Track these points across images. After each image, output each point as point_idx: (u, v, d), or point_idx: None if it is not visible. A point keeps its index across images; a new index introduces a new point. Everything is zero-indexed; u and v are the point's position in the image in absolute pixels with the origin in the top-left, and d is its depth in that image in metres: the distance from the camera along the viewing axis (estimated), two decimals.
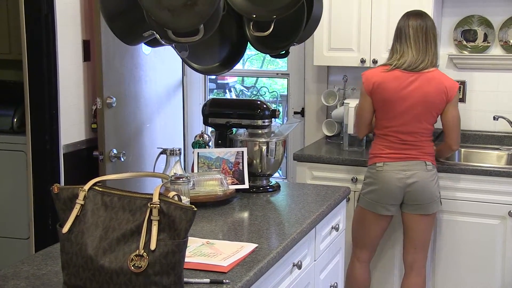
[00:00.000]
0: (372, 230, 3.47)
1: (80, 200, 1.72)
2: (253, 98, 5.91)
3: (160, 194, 1.68)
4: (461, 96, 4.11)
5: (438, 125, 3.41)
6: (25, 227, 3.68)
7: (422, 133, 3.34)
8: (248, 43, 2.76)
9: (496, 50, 4.05)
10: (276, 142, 2.93)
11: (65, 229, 1.71)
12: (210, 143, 2.99)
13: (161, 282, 1.65)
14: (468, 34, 4.09)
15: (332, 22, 4.04)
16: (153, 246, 1.64)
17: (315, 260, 2.59)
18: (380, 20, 3.91)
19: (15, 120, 4.11)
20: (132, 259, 1.64)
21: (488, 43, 4.05)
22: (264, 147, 2.90)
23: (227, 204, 2.68)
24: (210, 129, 3.16)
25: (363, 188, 3.45)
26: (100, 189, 1.74)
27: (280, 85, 6.00)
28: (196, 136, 2.99)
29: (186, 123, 4.70)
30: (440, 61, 4.14)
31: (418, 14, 3.35)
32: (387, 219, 3.44)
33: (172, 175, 2.28)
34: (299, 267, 2.36)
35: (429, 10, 3.75)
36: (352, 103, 3.96)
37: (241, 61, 2.97)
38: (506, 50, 4.02)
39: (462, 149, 4.00)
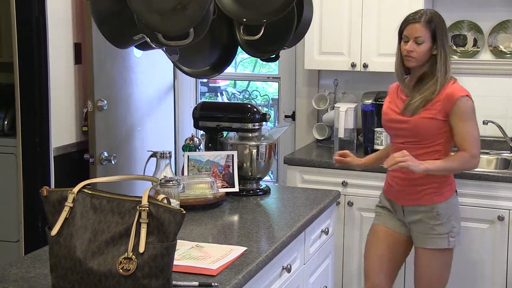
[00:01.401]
0: None
1: (69, 203, 1.72)
2: (244, 102, 5.91)
3: (149, 197, 1.68)
4: None
5: None
6: (15, 230, 3.67)
7: None
8: (239, 46, 2.77)
9: (485, 55, 4.07)
10: (266, 146, 2.94)
11: (54, 231, 1.71)
12: (200, 146, 3.00)
13: (150, 285, 1.65)
14: (458, 39, 4.12)
15: (323, 26, 4.06)
16: (142, 249, 1.64)
17: (304, 264, 2.60)
18: (370, 24, 3.93)
19: (6, 122, 4.10)
20: (121, 262, 1.64)
21: (477, 48, 4.07)
22: (254, 151, 2.91)
23: (217, 207, 2.68)
24: (200, 132, 3.16)
25: (451, 229, 2.92)
26: (89, 192, 1.74)
27: (274, 89, 6.01)
28: (186, 139, 2.99)
29: (177, 126, 4.70)
30: None
31: None
32: None
33: (162, 178, 2.29)
34: (289, 270, 2.37)
35: None
36: (343, 107, 3.98)
37: (233, 64, 2.98)
38: (495, 55, 4.04)
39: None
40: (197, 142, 2.98)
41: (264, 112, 2.99)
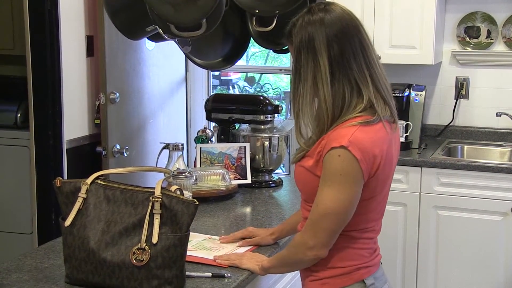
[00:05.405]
0: None
1: (82, 194, 1.73)
2: (256, 94, 5.91)
3: (162, 188, 1.69)
4: (464, 93, 4.11)
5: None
6: (29, 222, 3.69)
7: None
8: (251, 38, 2.77)
9: (499, 47, 4.04)
10: (278, 138, 2.94)
11: (68, 222, 1.72)
12: (212, 138, 3.00)
13: (163, 275, 1.66)
14: (471, 30, 4.08)
15: None
16: (155, 239, 1.65)
17: None
18: (383, 16, 3.90)
19: (19, 115, 4.11)
20: (134, 253, 1.65)
21: (491, 39, 4.04)
22: (267, 143, 2.91)
23: (229, 199, 2.69)
24: (213, 124, 3.17)
25: None
26: (103, 183, 1.75)
27: (286, 83, 6.01)
28: (198, 131, 3.00)
29: (189, 118, 4.71)
30: (443, 57, 4.15)
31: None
32: None
33: (175, 170, 2.29)
34: None
35: (432, 6, 3.76)
36: None
37: (244, 57, 2.98)
38: (509, 46, 4.01)
39: (465, 146, 4.00)
40: (210, 134, 2.98)
41: (276, 104, 2.98)
